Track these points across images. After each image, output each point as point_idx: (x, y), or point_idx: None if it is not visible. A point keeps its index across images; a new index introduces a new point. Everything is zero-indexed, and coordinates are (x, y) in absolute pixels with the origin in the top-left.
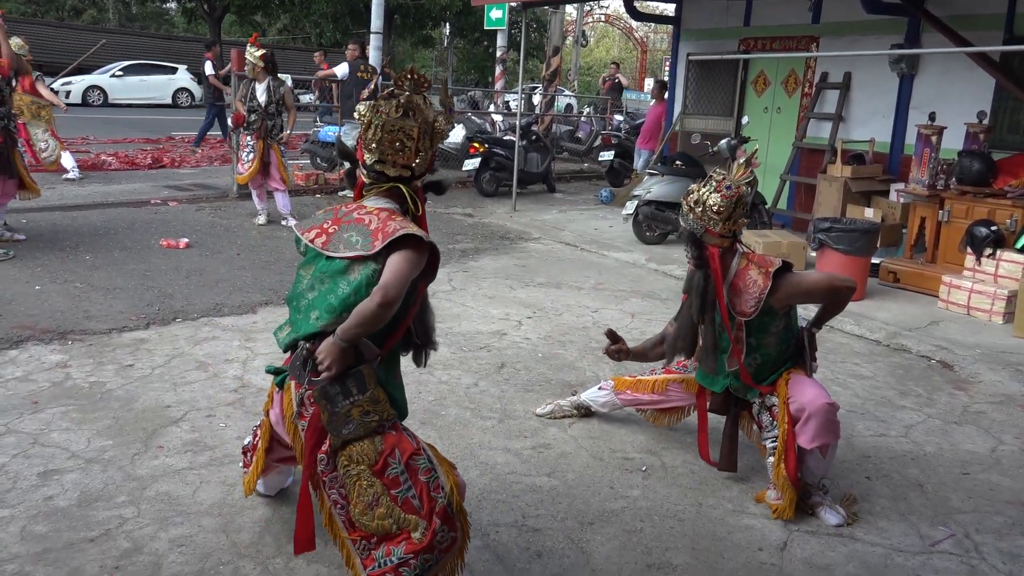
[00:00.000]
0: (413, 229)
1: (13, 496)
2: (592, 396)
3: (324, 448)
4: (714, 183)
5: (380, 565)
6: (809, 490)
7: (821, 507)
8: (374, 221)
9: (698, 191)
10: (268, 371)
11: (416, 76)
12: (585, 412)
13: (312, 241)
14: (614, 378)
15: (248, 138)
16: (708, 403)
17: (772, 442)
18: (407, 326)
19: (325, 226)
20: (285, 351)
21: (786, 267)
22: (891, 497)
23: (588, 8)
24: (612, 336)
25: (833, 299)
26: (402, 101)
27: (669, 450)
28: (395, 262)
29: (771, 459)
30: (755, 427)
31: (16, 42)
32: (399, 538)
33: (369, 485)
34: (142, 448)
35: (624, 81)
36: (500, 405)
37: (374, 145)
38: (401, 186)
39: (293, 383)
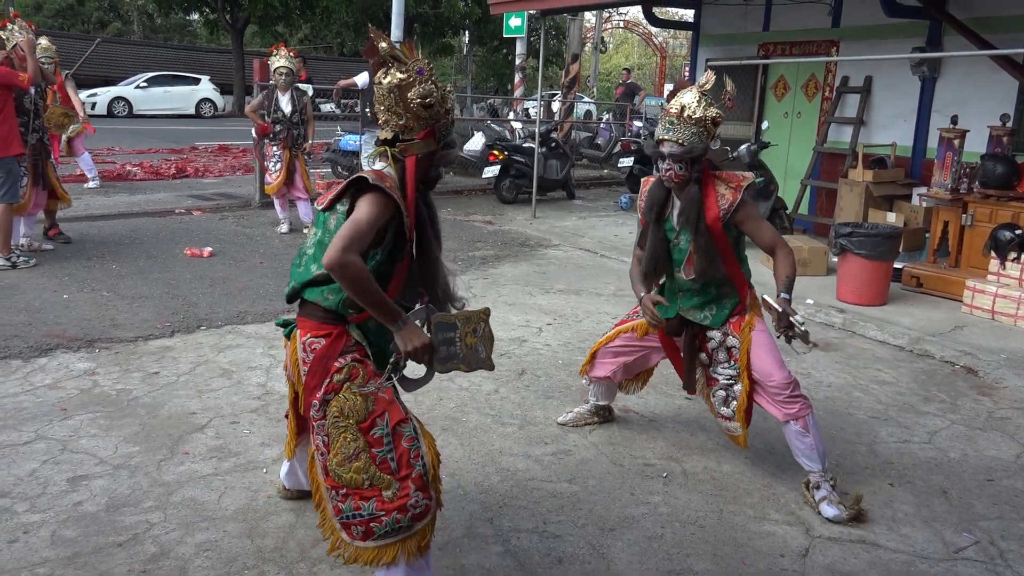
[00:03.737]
0: (367, 174)
1: (44, 501)
2: (591, 393)
3: (319, 395)
4: (703, 97)
5: (347, 516)
6: (819, 483)
7: (825, 500)
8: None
9: (691, 106)
10: (277, 324)
11: (386, 46)
12: (606, 414)
13: (319, 203)
14: (581, 368)
15: (274, 148)
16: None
17: (727, 379)
18: (400, 282)
19: (331, 191)
20: (289, 302)
21: (751, 188)
22: (915, 504)
23: (607, 15)
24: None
25: (777, 248)
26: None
27: (690, 456)
28: (353, 214)
29: (720, 392)
30: (703, 356)
31: (43, 43)
32: (369, 494)
33: (353, 439)
34: (168, 454)
35: (631, 81)
36: (520, 411)
37: (371, 113)
38: (386, 148)
39: (299, 331)
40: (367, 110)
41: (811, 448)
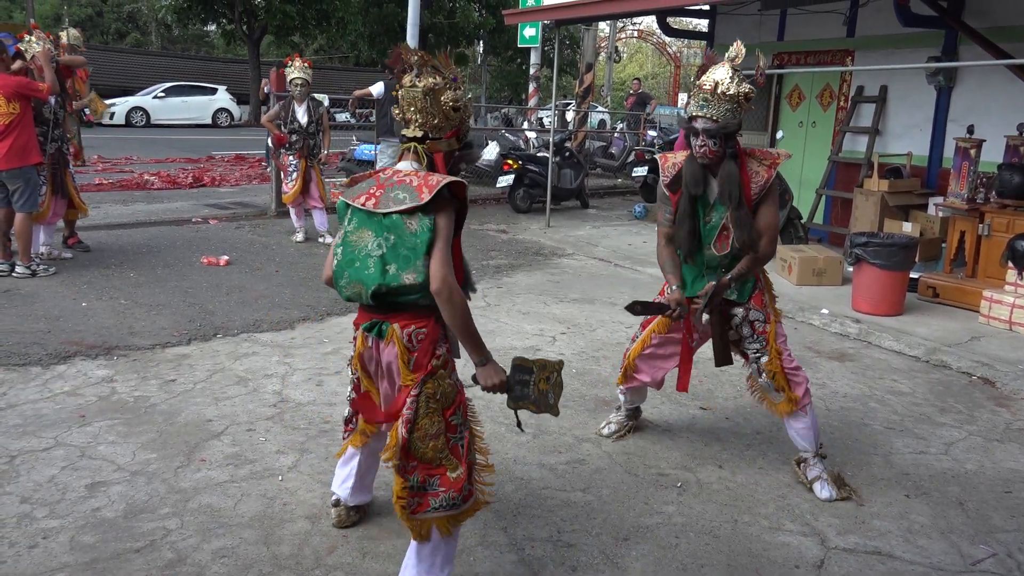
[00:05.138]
0: (451, 177)
1: (63, 507)
2: (623, 400)
3: (420, 376)
4: (735, 74)
5: (410, 488)
6: (807, 459)
7: (818, 480)
8: (415, 180)
9: (724, 82)
10: (365, 328)
11: (418, 56)
12: (638, 416)
13: (364, 204)
14: (618, 380)
15: (291, 158)
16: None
17: (755, 353)
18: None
19: (372, 191)
20: (348, 300)
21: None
22: (931, 515)
23: (621, 24)
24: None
25: (762, 241)
26: (413, 75)
27: (704, 466)
28: (443, 234)
29: (761, 360)
30: (733, 332)
31: (73, 33)
32: (436, 471)
33: (438, 421)
34: (185, 461)
35: (642, 91)
36: (535, 420)
37: (398, 114)
38: (415, 144)
39: (398, 326)
40: (386, 118)
41: (808, 428)
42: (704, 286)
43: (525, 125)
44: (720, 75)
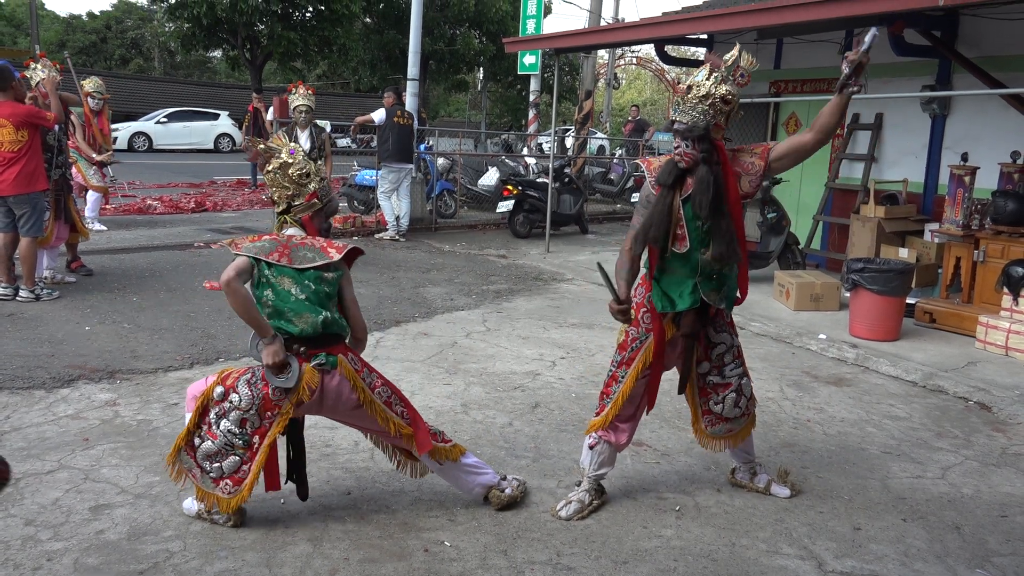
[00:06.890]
0: (352, 243)
1: (67, 529)
2: (590, 461)
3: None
4: (718, 74)
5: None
6: (754, 469)
7: (773, 483)
8: (316, 243)
9: (700, 85)
10: (322, 364)
11: (262, 147)
12: (602, 492)
13: (279, 261)
14: (594, 424)
15: None
16: (679, 329)
17: (738, 378)
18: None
19: (279, 251)
20: (302, 335)
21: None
22: (927, 539)
23: (620, 51)
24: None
25: (813, 125)
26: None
27: (702, 490)
28: (350, 286)
29: (732, 395)
30: (705, 364)
31: (98, 81)
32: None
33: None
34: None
35: (640, 117)
36: (534, 444)
37: (270, 195)
38: (286, 216)
39: (342, 355)
40: (387, 144)
41: (751, 445)
42: (697, 298)
43: (525, 151)
44: (698, 77)
